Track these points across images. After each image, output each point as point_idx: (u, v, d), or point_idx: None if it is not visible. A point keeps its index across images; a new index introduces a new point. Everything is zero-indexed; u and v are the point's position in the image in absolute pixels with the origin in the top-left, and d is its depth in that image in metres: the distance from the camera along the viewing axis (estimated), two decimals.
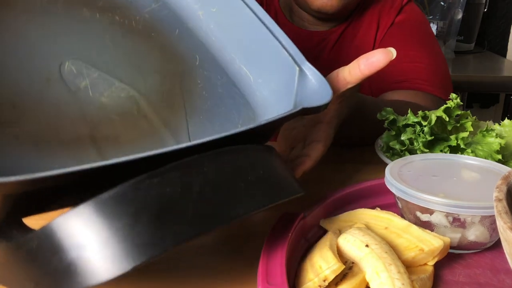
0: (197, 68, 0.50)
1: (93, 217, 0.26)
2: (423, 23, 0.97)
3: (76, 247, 0.26)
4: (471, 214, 0.41)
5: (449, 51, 1.76)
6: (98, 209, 0.26)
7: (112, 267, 0.25)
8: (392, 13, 0.93)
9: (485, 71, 1.72)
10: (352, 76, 0.46)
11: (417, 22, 0.94)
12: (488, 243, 0.44)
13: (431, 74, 0.88)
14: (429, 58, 0.90)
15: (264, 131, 0.36)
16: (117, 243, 0.25)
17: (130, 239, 0.25)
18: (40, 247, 0.26)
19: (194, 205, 0.27)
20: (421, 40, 0.92)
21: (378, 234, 0.41)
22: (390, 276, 0.35)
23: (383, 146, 0.61)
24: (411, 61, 0.88)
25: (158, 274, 0.42)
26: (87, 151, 0.44)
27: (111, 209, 0.26)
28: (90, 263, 0.25)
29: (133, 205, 0.26)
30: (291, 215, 0.45)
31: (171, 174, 0.27)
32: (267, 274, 0.36)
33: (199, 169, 0.28)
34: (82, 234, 0.26)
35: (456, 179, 0.47)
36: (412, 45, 0.90)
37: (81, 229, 0.26)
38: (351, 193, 0.51)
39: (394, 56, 0.44)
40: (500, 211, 0.33)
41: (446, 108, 0.57)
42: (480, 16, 1.86)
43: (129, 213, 0.26)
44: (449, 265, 0.42)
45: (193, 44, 0.50)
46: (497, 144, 0.55)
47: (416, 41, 0.91)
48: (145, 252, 0.26)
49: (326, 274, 0.36)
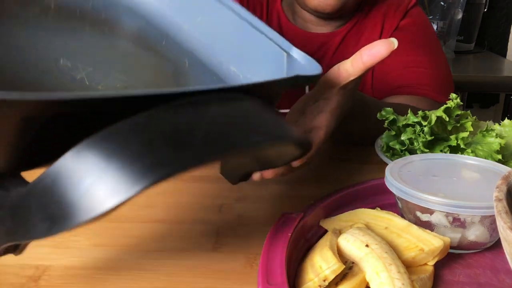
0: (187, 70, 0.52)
1: (107, 144, 0.26)
2: (428, 27, 0.96)
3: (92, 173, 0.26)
4: (471, 214, 0.41)
5: (449, 51, 1.76)
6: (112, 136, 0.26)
7: (132, 184, 0.25)
8: (397, 16, 0.93)
9: (485, 71, 1.72)
10: (354, 68, 0.46)
11: (421, 27, 0.94)
12: (488, 243, 0.44)
13: (434, 80, 0.88)
14: (433, 63, 0.90)
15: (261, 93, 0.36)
16: (134, 163, 0.25)
17: (147, 158, 0.26)
18: (56, 181, 0.26)
19: (206, 132, 0.28)
20: (425, 45, 0.92)
21: (378, 234, 0.41)
22: (390, 276, 0.35)
23: (383, 146, 0.61)
24: (415, 66, 0.88)
25: (159, 274, 0.42)
26: None
27: (125, 136, 0.26)
28: (108, 185, 0.25)
29: (147, 132, 0.27)
30: (291, 215, 0.45)
31: (184, 106, 0.29)
32: (267, 274, 0.36)
33: (210, 103, 0.30)
34: (97, 161, 0.26)
35: (456, 179, 0.47)
36: (416, 50, 0.90)
37: (96, 156, 0.26)
38: (351, 193, 0.51)
39: (396, 47, 0.45)
40: (500, 211, 0.33)
41: (446, 108, 0.57)
42: (480, 16, 1.86)
43: (145, 139, 0.26)
44: (449, 265, 0.42)
45: (181, 51, 0.52)
46: (497, 144, 0.55)
47: (420, 46, 0.91)
48: (162, 170, 0.26)
49: (326, 274, 0.36)
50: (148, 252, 0.46)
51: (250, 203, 0.56)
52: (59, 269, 0.43)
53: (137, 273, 0.42)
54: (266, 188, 0.60)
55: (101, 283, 0.41)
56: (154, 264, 0.44)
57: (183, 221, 0.52)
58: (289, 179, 0.63)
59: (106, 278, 0.42)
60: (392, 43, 0.45)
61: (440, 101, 0.85)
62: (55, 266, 0.43)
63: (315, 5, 0.84)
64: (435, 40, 0.97)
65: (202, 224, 0.51)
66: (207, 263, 0.44)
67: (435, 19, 1.75)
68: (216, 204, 0.55)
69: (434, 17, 1.75)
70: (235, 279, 0.42)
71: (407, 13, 0.93)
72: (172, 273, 0.43)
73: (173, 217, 0.52)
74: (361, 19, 0.93)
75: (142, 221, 0.52)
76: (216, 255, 0.45)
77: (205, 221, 0.52)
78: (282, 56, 0.45)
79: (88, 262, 0.44)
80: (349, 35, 0.93)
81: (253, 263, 0.44)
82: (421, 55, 0.89)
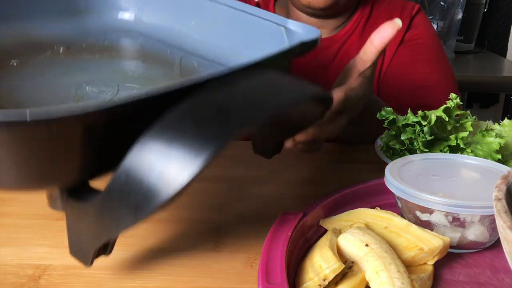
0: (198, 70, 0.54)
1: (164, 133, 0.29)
2: (433, 37, 0.93)
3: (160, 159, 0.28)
4: (470, 213, 0.41)
5: (449, 51, 1.76)
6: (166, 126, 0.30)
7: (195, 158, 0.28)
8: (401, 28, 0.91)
9: (485, 71, 1.71)
10: (367, 54, 0.51)
11: (427, 38, 0.91)
12: (488, 243, 0.44)
13: (441, 94, 0.84)
14: (439, 75, 0.88)
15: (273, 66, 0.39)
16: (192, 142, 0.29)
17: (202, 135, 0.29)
18: (129, 176, 0.29)
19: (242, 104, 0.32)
20: (433, 59, 0.90)
21: (378, 233, 0.41)
22: (389, 276, 0.35)
23: (382, 146, 0.61)
24: (424, 85, 0.86)
25: (159, 274, 0.42)
26: None
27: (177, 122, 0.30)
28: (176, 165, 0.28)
29: (195, 115, 0.30)
30: (291, 215, 0.45)
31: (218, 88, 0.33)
32: (267, 273, 0.36)
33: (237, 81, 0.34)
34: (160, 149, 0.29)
35: (456, 178, 0.47)
36: (424, 66, 0.88)
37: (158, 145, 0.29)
38: (351, 193, 0.51)
39: (400, 26, 0.50)
40: (499, 211, 0.33)
41: (445, 108, 0.57)
42: (480, 16, 1.86)
43: (195, 121, 0.30)
44: (448, 264, 0.42)
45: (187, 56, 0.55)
46: (497, 144, 0.55)
47: (427, 61, 0.89)
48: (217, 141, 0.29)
49: (326, 273, 0.36)
50: (148, 252, 0.46)
51: (250, 203, 0.56)
52: (59, 269, 0.43)
53: (137, 273, 0.42)
54: (266, 188, 0.60)
55: (101, 283, 0.41)
56: (154, 264, 0.44)
57: (183, 221, 0.52)
58: (289, 179, 0.63)
59: (106, 278, 0.42)
60: (396, 24, 0.51)
61: None
62: (55, 266, 0.43)
63: (307, 0, 0.83)
64: (441, 51, 0.94)
65: (202, 224, 0.51)
66: (207, 263, 0.44)
67: (435, 19, 1.75)
68: (216, 204, 0.56)
69: (434, 17, 1.75)
70: (235, 279, 0.42)
71: (411, 23, 0.91)
72: (172, 273, 0.43)
73: (173, 217, 0.52)
74: (362, 23, 0.90)
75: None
76: (216, 255, 0.45)
77: (205, 220, 0.52)
78: (280, 31, 0.48)
79: None
80: (349, 41, 0.90)
81: (253, 263, 0.44)
82: (428, 68, 0.88)
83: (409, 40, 0.90)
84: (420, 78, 0.87)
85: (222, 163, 0.68)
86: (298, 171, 0.65)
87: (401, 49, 0.89)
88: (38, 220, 0.51)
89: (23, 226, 0.50)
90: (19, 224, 0.51)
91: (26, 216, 0.52)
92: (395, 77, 0.90)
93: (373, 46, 0.51)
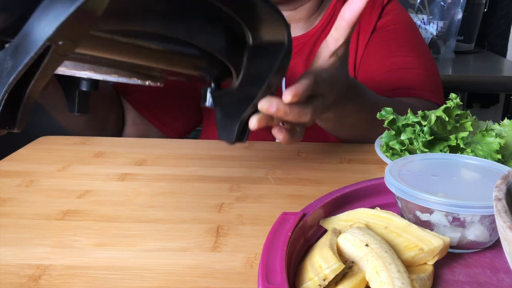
0: None
1: None
2: (407, 22, 0.91)
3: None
4: (470, 213, 0.41)
5: (449, 51, 1.76)
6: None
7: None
8: (373, 17, 0.88)
9: (485, 71, 1.71)
10: (339, 31, 0.49)
11: (400, 23, 0.89)
12: (488, 243, 0.44)
13: (421, 79, 0.85)
14: (418, 61, 0.86)
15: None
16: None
17: None
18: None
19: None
20: (408, 43, 0.88)
21: (378, 233, 0.41)
22: (390, 276, 0.35)
23: (382, 145, 0.61)
24: (400, 67, 0.84)
25: (159, 274, 0.42)
26: None
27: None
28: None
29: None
30: (291, 215, 0.45)
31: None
32: (267, 273, 0.36)
33: None
34: None
35: (456, 178, 0.47)
36: (399, 50, 0.86)
37: None
38: (351, 193, 0.51)
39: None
40: (499, 210, 0.33)
41: (445, 108, 0.57)
42: (480, 16, 1.86)
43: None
44: (448, 264, 0.42)
45: None
46: (497, 144, 0.55)
47: (402, 45, 0.87)
48: None
49: (326, 273, 0.36)
50: (148, 252, 0.46)
51: (250, 203, 0.56)
52: (59, 269, 0.43)
53: (137, 273, 0.42)
54: (266, 188, 0.60)
55: (101, 283, 0.41)
56: (154, 264, 0.44)
57: (183, 221, 0.52)
58: (289, 179, 0.63)
59: (106, 278, 0.42)
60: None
61: (428, 99, 0.83)
62: (55, 265, 0.43)
63: None
64: (417, 35, 0.92)
65: (202, 224, 0.51)
66: (207, 263, 0.44)
67: (435, 19, 1.75)
68: (216, 204, 0.56)
69: (434, 17, 1.75)
70: (235, 279, 0.42)
71: (383, 11, 0.89)
72: (172, 273, 0.43)
73: (173, 217, 0.52)
74: (334, 19, 0.87)
75: (142, 221, 0.52)
76: (216, 255, 0.45)
77: (205, 221, 0.52)
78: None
79: (88, 262, 0.44)
80: (322, 37, 0.88)
81: (253, 263, 0.44)
82: (405, 54, 0.86)
83: (382, 27, 0.89)
84: (395, 61, 0.85)
85: (222, 163, 0.68)
86: (298, 171, 0.65)
87: (374, 37, 0.88)
88: (38, 220, 0.51)
89: (23, 226, 0.50)
90: (19, 224, 0.51)
91: (26, 216, 0.52)
92: (370, 63, 0.87)
93: (343, 21, 0.49)
